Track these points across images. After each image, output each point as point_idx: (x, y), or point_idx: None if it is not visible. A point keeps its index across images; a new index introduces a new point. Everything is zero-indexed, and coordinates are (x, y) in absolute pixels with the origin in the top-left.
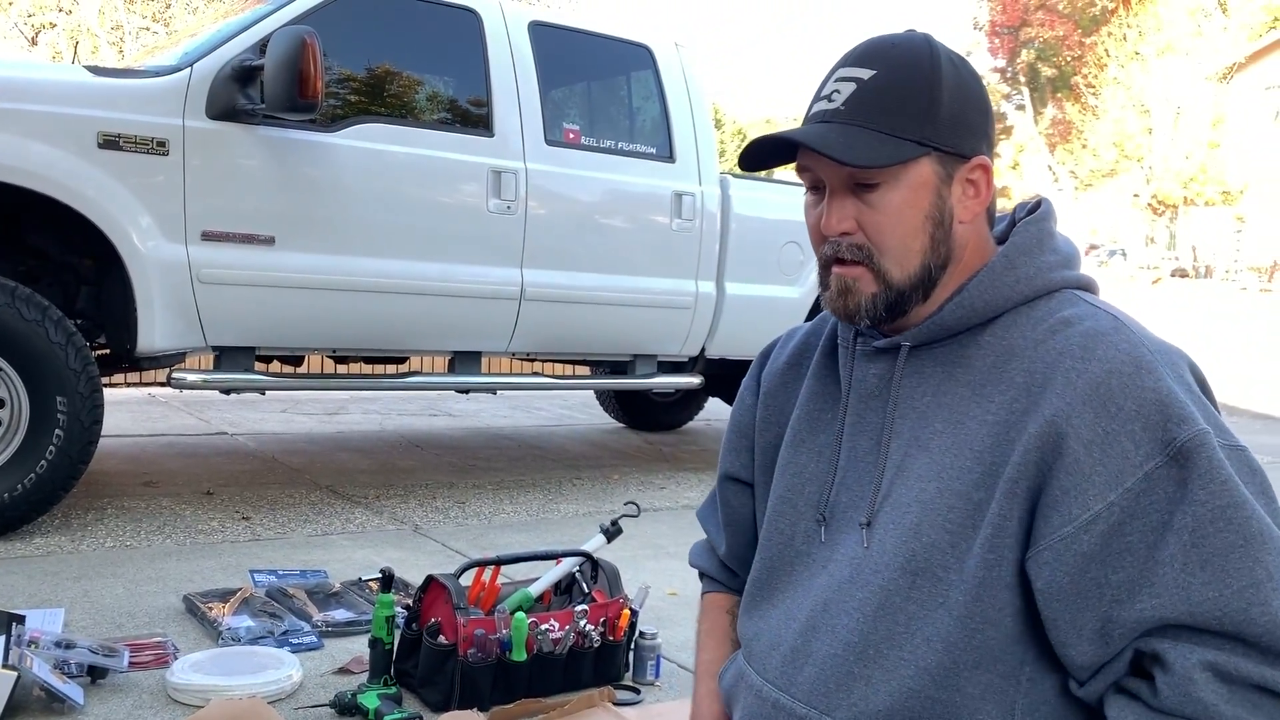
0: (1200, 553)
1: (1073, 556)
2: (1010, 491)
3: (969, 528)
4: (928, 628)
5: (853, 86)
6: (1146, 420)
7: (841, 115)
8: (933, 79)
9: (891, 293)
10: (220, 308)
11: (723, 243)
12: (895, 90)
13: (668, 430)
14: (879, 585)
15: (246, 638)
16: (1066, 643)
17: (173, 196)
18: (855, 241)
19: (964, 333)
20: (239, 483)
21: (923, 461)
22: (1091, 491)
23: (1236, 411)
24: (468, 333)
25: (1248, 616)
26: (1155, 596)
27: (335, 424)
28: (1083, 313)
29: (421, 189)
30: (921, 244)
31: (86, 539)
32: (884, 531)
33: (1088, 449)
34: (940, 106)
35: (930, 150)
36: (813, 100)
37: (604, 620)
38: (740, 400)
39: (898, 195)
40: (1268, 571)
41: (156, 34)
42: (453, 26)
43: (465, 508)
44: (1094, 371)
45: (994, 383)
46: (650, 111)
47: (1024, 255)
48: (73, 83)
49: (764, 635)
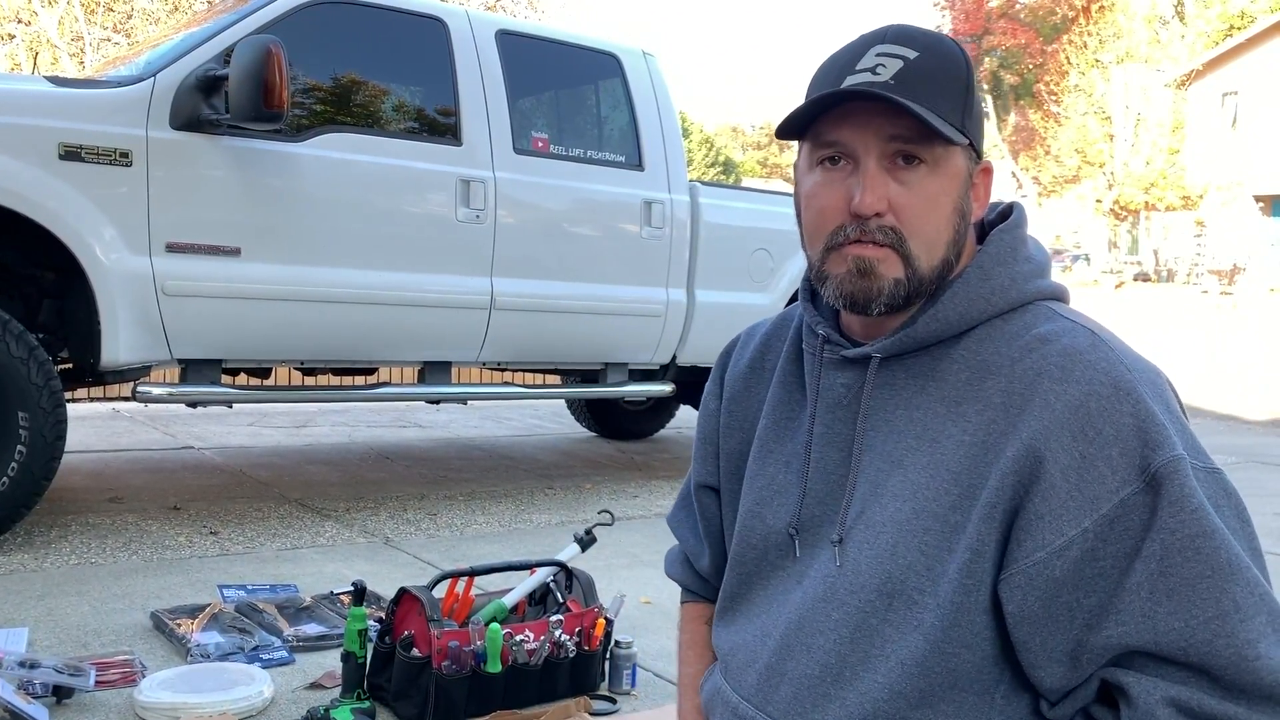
0: (1167, 582)
1: (1045, 581)
2: (988, 516)
3: (944, 550)
4: (902, 650)
5: (899, 64)
6: (1124, 445)
7: (892, 89)
8: (969, 73)
9: (914, 281)
10: (185, 320)
11: (693, 250)
12: (941, 75)
13: (640, 439)
14: (855, 606)
15: (216, 654)
16: (1037, 665)
17: (136, 208)
18: (887, 224)
19: (936, 345)
20: (206, 497)
21: (897, 479)
22: (1066, 517)
23: (1200, 413)
24: (437, 343)
25: (1212, 648)
26: (1122, 624)
27: (304, 436)
28: (1060, 329)
29: (389, 199)
30: (948, 236)
31: (50, 556)
32: (858, 550)
33: (1064, 474)
34: (973, 102)
35: (967, 142)
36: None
37: (579, 630)
38: (705, 405)
39: (935, 182)
40: (1234, 603)
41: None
42: (420, 35)
43: (437, 519)
44: (1072, 394)
45: (970, 400)
46: (619, 120)
47: (998, 265)
48: (33, 93)
49: (739, 651)
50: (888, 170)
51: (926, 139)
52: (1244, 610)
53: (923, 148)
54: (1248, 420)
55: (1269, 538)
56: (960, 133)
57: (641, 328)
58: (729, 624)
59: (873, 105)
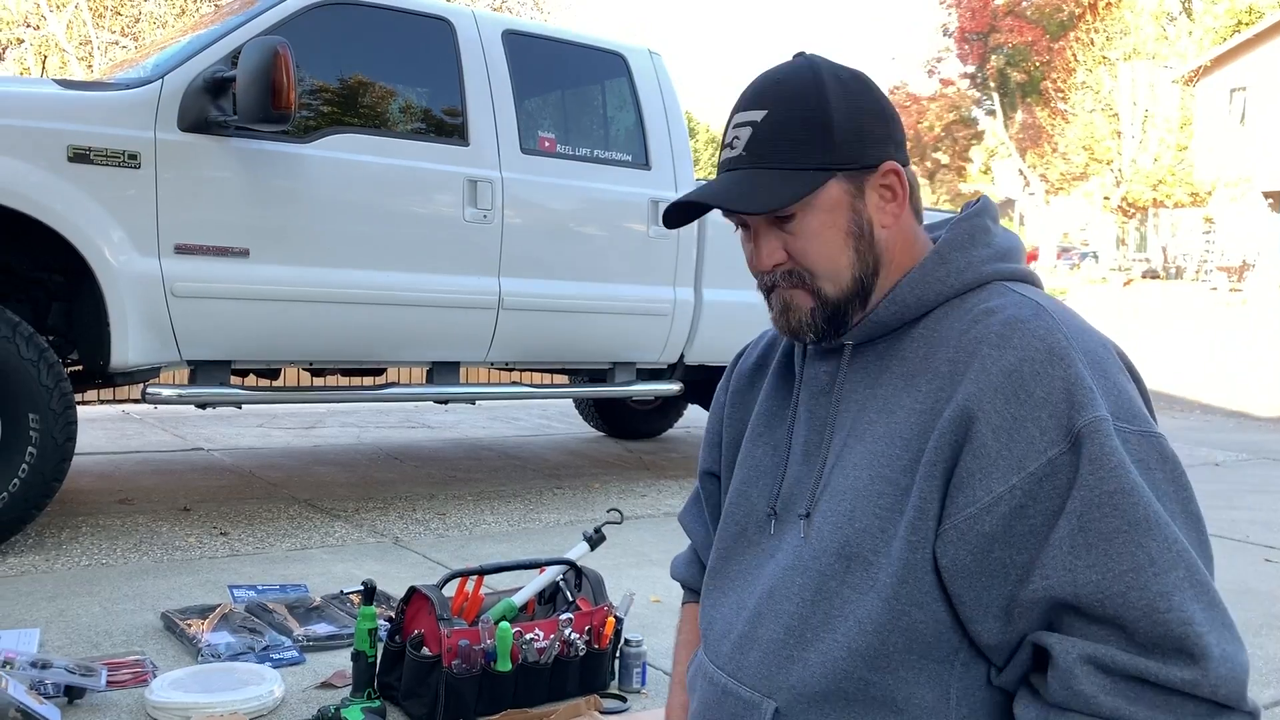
0: (1086, 536)
1: (975, 536)
2: (929, 474)
3: (896, 512)
4: (859, 610)
5: (749, 131)
6: (1054, 408)
7: (745, 160)
8: (820, 104)
9: (829, 307)
10: (195, 321)
11: (700, 249)
12: (787, 125)
13: (647, 438)
14: (817, 571)
15: (227, 654)
16: (973, 619)
17: (145, 209)
18: (787, 269)
19: (900, 328)
20: (216, 498)
21: (858, 451)
22: (996, 475)
23: (1209, 409)
24: (446, 343)
25: (1126, 600)
26: (1046, 578)
27: (313, 437)
28: (1007, 302)
29: (397, 199)
30: (848, 259)
31: (61, 558)
32: (821, 519)
33: (995, 434)
34: (833, 129)
35: (834, 172)
36: (720, 148)
37: (589, 629)
38: (715, 399)
39: (815, 220)
40: (1149, 557)
41: (126, 48)
42: (426, 36)
43: (446, 519)
44: (1008, 359)
45: (922, 373)
46: (625, 119)
47: (955, 250)
48: (42, 96)
49: (717, 623)
50: (773, 224)
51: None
52: (1159, 564)
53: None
54: (1257, 417)
55: (1278, 533)
56: (820, 170)
57: (649, 327)
58: (709, 600)
59: None
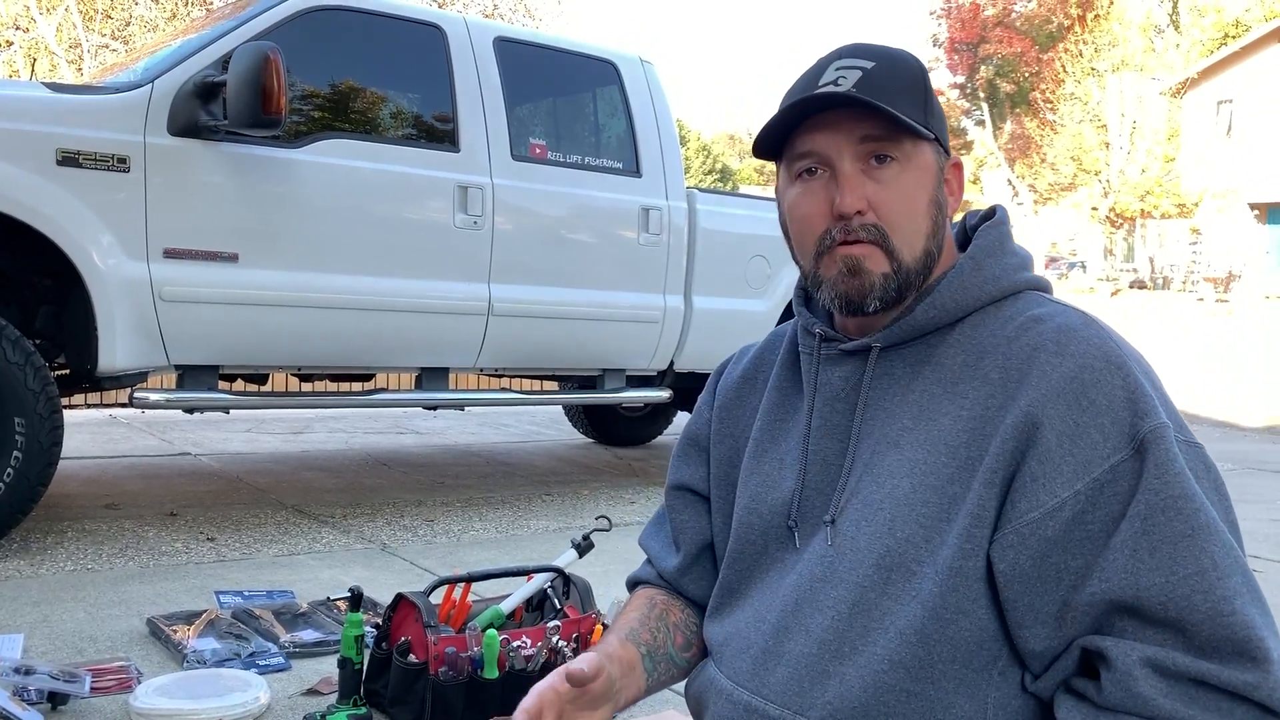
0: (1150, 539)
1: (1036, 541)
2: (989, 481)
3: (943, 520)
4: (901, 620)
5: (859, 73)
6: (1116, 415)
7: (855, 96)
8: (924, 75)
9: (902, 274)
10: (183, 326)
11: (690, 256)
12: (899, 80)
13: (637, 445)
14: (853, 583)
15: (212, 660)
16: (1023, 624)
17: (134, 213)
18: (869, 221)
19: (932, 333)
20: (203, 503)
21: (893, 459)
22: (1060, 480)
23: (1196, 419)
24: (435, 349)
25: (1190, 603)
26: (1106, 580)
27: (300, 443)
28: (1053, 310)
29: (387, 205)
30: (927, 228)
31: (46, 562)
32: (855, 529)
33: (1059, 439)
34: (933, 102)
35: (933, 138)
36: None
37: (576, 636)
38: (697, 412)
39: (909, 177)
40: (1213, 561)
41: (116, 51)
42: (418, 42)
43: (434, 525)
44: (1068, 366)
45: (967, 380)
46: (616, 127)
47: (989, 257)
48: (31, 99)
49: (733, 639)
50: (863, 171)
51: (895, 135)
52: (1221, 569)
53: (893, 145)
54: (1244, 427)
55: (1266, 543)
56: (925, 129)
57: (639, 334)
58: (722, 616)
59: (841, 111)
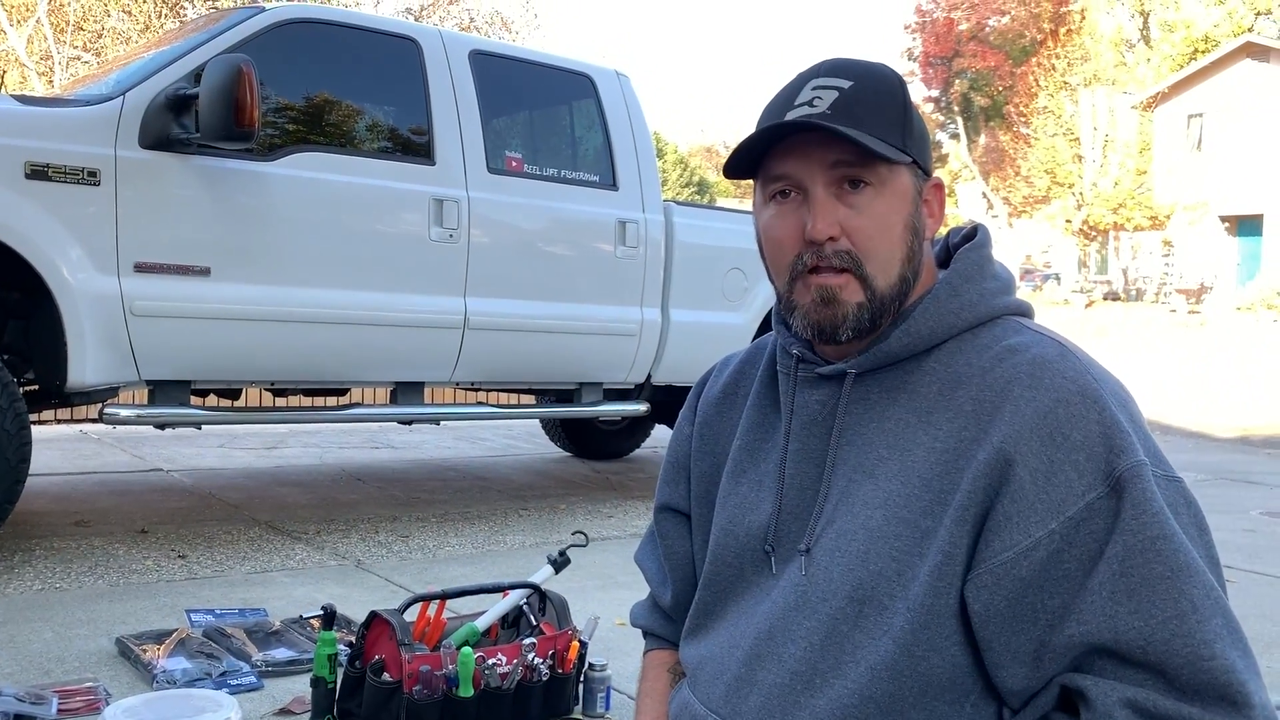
0: (1128, 581)
1: (1011, 581)
2: (960, 519)
3: (915, 555)
4: (872, 655)
5: (835, 94)
6: (1091, 451)
7: (829, 118)
8: (903, 93)
9: (876, 302)
10: (154, 341)
11: (667, 269)
12: (876, 100)
13: (614, 458)
14: (826, 614)
15: (183, 680)
16: (1000, 664)
17: (104, 227)
18: (841, 248)
19: (908, 359)
20: (175, 520)
21: (868, 489)
22: (1034, 519)
23: (1169, 430)
24: (410, 363)
25: (1170, 648)
26: (1083, 623)
27: (274, 458)
28: (1028, 340)
29: (362, 218)
30: (902, 253)
31: (13, 582)
32: (828, 559)
33: (1033, 477)
34: (912, 122)
35: (910, 160)
36: (781, 107)
37: (553, 653)
38: (678, 430)
39: (884, 202)
40: (1192, 604)
41: (88, 64)
42: (392, 55)
43: (409, 541)
44: (1042, 400)
45: (941, 410)
46: (593, 140)
47: (966, 282)
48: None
49: (707, 664)
50: (836, 196)
51: (868, 161)
52: (1201, 611)
53: (866, 170)
54: (1216, 437)
55: (1239, 554)
56: (902, 151)
57: (616, 347)
58: (698, 638)
59: (813, 135)
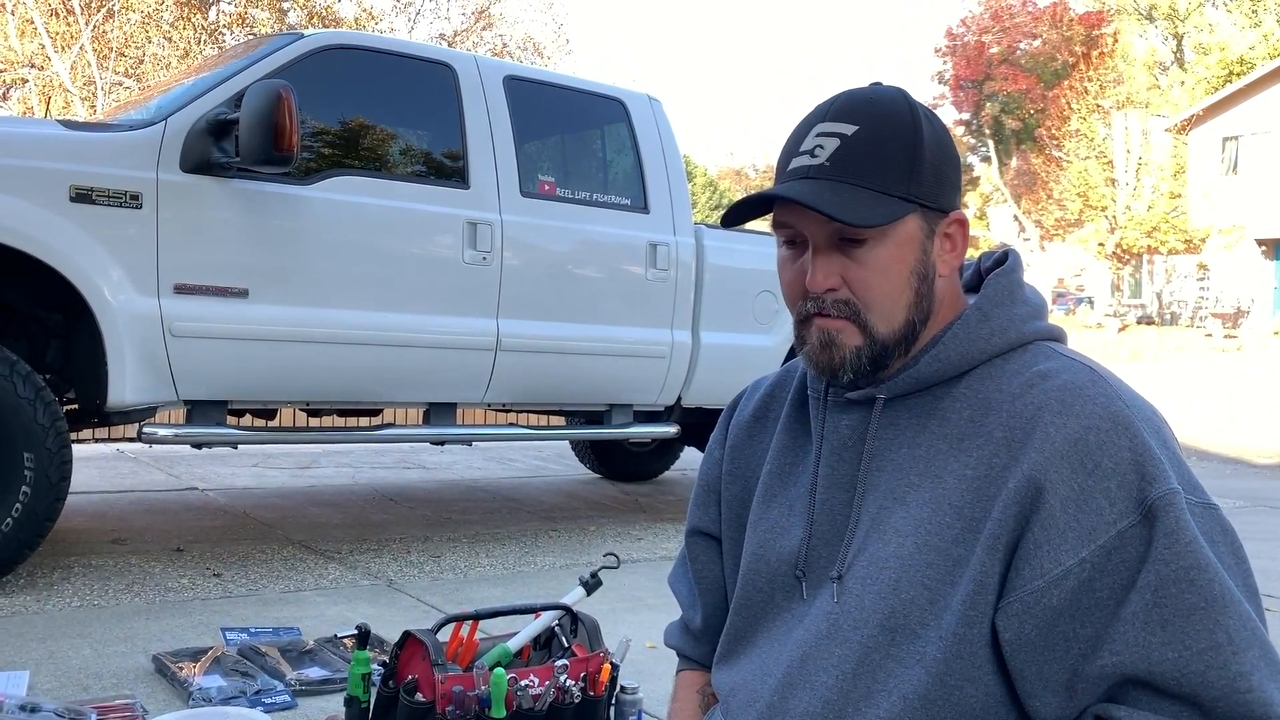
0: (1162, 612)
1: (1042, 610)
2: (991, 547)
3: (947, 584)
4: (905, 685)
5: (836, 142)
6: (1122, 478)
7: (827, 171)
8: (915, 135)
9: (876, 347)
10: (192, 361)
11: (698, 292)
12: (880, 146)
13: (644, 480)
14: (858, 642)
15: (218, 698)
16: (1033, 694)
17: (145, 249)
18: (841, 298)
19: (938, 385)
20: (210, 539)
21: (899, 516)
22: (1065, 547)
23: (1207, 455)
24: (443, 384)
25: (1205, 680)
26: (1116, 654)
27: (307, 478)
28: (1059, 366)
29: (397, 241)
30: (907, 299)
31: (53, 598)
32: (860, 586)
33: (1064, 505)
34: (923, 163)
35: (916, 207)
36: (788, 154)
37: (585, 675)
38: (709, 454)
39: (885, 252)
40: (1228, 635)
41: (130, 89)
42: (428, 80)
43: (440, 562)
44: (1072, 427)
45: (972, 436)
46: (624, 163)
47: (996, 308)
48: (45, 136)
49: (740, 691)
50: (838, 246)
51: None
52: (1237, 643)
53: (861, 230)
54: (1254, 464)
55: (1277, 581)
56: (904, 200)
57: (646, 369)
58: (730, 664)
59: None
